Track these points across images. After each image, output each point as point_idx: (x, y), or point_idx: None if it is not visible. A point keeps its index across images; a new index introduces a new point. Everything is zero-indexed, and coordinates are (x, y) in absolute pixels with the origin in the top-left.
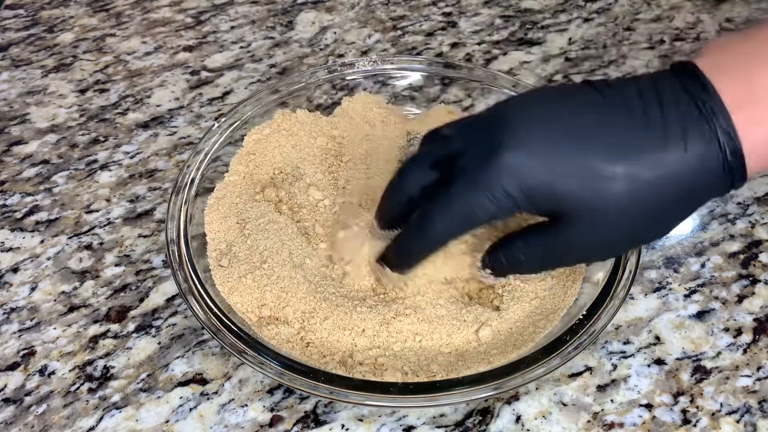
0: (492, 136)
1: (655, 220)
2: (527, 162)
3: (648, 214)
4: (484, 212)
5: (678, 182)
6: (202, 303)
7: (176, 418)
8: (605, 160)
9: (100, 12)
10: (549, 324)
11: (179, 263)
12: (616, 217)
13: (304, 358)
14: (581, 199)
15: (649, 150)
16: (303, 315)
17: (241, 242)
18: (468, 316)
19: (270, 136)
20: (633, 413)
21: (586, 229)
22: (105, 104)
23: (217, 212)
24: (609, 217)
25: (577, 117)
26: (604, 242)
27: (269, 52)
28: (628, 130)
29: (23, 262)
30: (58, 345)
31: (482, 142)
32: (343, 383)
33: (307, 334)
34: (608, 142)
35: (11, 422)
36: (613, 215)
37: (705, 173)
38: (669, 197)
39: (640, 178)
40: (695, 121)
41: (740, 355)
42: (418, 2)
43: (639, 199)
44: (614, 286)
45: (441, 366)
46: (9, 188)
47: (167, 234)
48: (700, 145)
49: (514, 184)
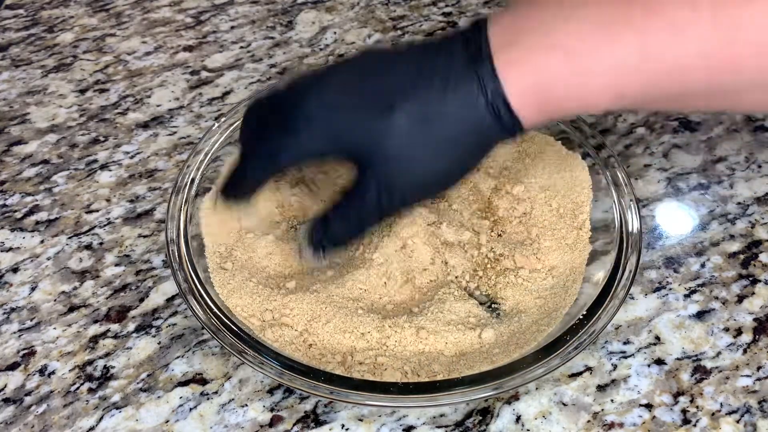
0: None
1: (436, 161)
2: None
3: (427, 155)
4: (288, 153)
5: (446, 123)
6: (202, 303)
7: (176, 418)
8: (380, 107)
9: (100, 12)
10: (551, 323)
11: (179, 263)
12: (398, 158)
13: (305, 359)
14: (365, 142)
15: (416, 94)
16: (305, 319)
17: (241, 246)
18: (470, 320)
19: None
20: (633, 413)
21: (377, 173)
22: (105, 104)
23: (214, 215)
24: (393, 159)
25: (365, 70)
26: (396, 184)
27: (269, 52)
28: (403, 77)
29: (23, 262)
30: (58, 345)
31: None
32: (342, 383)
33: (310, 336)
34: (384, 89)
35: (11, 422)
36: (395, 156)
37: (470, 115)
38: (440, 138)
39: (408, 119)
40: (461, 64)
41: (740, 355)
42: (418, 2)
43: (412, 139)
44: (614, 286)
45: (443, 366)
46: (9, 188)
47: (167, 234)
48: (463, 86)
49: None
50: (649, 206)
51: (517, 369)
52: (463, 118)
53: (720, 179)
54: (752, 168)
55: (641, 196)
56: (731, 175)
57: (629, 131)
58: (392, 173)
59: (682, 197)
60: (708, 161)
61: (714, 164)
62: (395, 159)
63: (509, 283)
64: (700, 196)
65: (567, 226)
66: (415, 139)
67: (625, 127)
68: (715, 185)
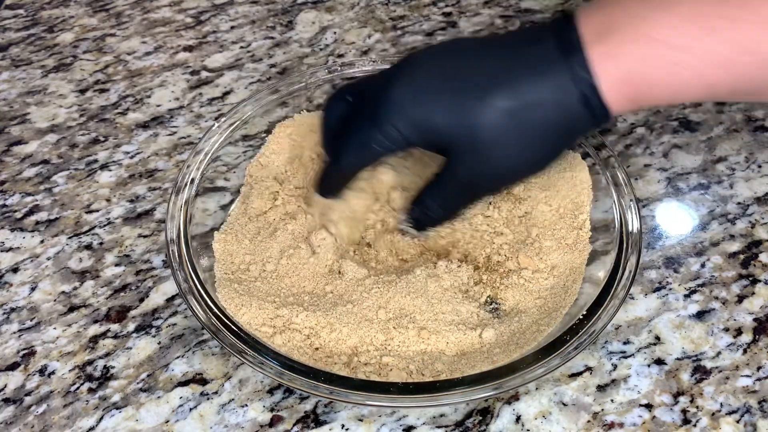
0: (384, 80)
1: (526, 149)
2: (409, 99)
3: (518, 143)
4: (379, 144)
5: (538, 112)
6: (202, 303)
7: (176, 418)
8: (473, 96)
9: (100, 12)
10: (552, 322)
11: (179, 263)
12: (490, 146)
13: (311, 361)
14: (457, 131)
15: (509, 82)
16: (311, 327)
17: (253, 263)
18: (472, 319)
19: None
20: (633, 413)
21: (468, 160)
22: (105, 104)
23: (228, 235)
24: (485, 147)
25: (454, 59)
26: (486, 172)
27: (269, 52)
28: (494, 67)
29: (23, 262)
30: (58, 345)
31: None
32: (342, 383)
33: (316, 340)
34: (476, 78)
35: (11, 422)
36: (487, 144)
37: (563, 104)
38: (532, 126)
39: (502, 108)
40: (553, 55)
41: (740, 355)
42: (418, 2)
43: (505, 128)
44: (614, 286)
45: (445, 365)
46: (9, 188)
47: (167, 234)
48: (556, 76)
49: (400, 120)
50: (649, 206)
51: (517, 369)
52: (555, 107)
53: (720, 179)
54: (752, 168)
55: (641, 196)
56: (731, 175)
57: (629, 131)
58: (484, 160)
59: (682, 197)
60: (708, 161)
61: (714, 164)
62: (487, 146)
63: (512, 283)
64: (700, 196)
65: (567, 226)
66: (508, 126)
67: (625, 127)
68: (715, 185)
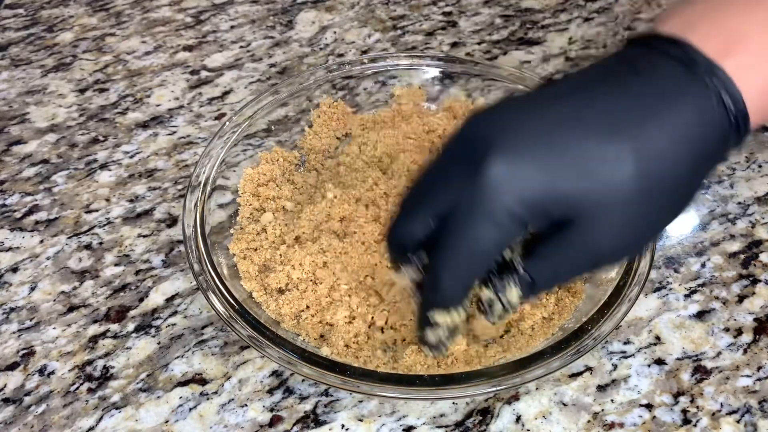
0: (472, 156)
1: (675, 191)
2: (518, 169)
3: (666, 186)
4: (491, 244)
5: (686, 143)
6: (219, 296)
7: (176, 418)
8: (603, 142)
9: (100, 11)
10: (554, 325)
11: (197, 256)
12: (635, 200)
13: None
14: (591, 192)
15: (645, 119)
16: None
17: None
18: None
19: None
20: (633, 413)
21: (606, 223)
22: (105, 104)
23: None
24: (627, 204)
25: (555, 108)
26: (630, 231)
27: (269, 51)
28: (612, 105)
29: (23, 262)
30: (58, 345)
31: (463, 167)
32: (344, 371)
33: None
34: (597, 123)
35: (11, 422)
36: (630, 199)
37: (709, 127)
38: (682, 162)
39: (646, 148)
40: (683, 78)
41: (740, 355)
42: (418, 2)
43: (651, 172)
44: (623, 291)
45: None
46: (9, 188)
47: (184, 229)
48: (696, 99)
49: (512, 199)
50: None
51: (517, 369)
52: (700, 133)
53: (720, 179)
54: (752, 168)
55: None
56: (731, 175)
57: None
58: (625, 219)
59: None
60: None
61: None
62: (634, 201)
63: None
64: (701, 195)
65: None
66: (652, 170)
67: None
68: (716, 185)
